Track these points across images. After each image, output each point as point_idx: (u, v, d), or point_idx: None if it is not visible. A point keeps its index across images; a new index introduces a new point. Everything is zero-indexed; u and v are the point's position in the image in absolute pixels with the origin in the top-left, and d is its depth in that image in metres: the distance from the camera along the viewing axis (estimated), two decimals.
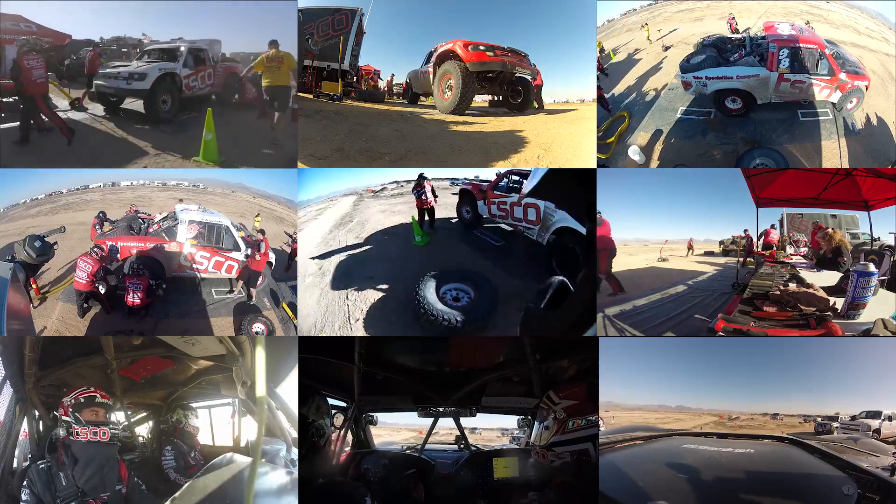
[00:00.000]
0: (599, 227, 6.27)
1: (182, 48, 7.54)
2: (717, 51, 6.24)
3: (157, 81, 7.13)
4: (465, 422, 4.29)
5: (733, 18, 6.98)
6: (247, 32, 7.42)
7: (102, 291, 5.68)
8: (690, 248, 9.88)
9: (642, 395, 5.74)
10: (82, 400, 3.06)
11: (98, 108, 7.37)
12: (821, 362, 4.98)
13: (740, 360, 5.40)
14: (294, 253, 7.11)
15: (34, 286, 5.93)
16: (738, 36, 6.42)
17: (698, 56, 6.26)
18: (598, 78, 6.40)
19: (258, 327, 5.77)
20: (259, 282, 6.59)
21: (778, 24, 6.20)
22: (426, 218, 8.46)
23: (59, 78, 7.45)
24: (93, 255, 5.68)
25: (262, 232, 7.47)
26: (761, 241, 7.99)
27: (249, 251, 6.55)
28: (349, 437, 3.89)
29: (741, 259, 7.97)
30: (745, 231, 8.14)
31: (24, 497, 2.85)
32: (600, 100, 6.34)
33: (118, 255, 6.29)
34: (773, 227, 8.12)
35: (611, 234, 6.39)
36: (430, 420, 4.33)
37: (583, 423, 2.25)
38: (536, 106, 9.11)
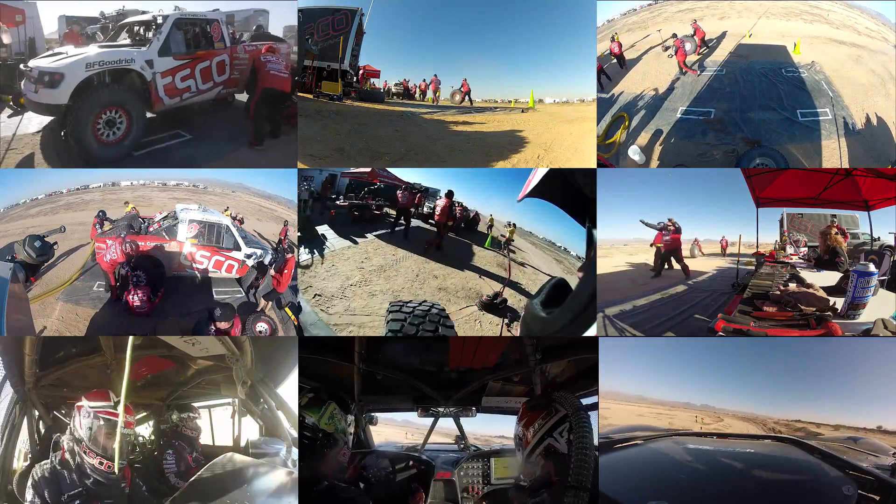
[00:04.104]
0: (674, 234, 7.68)
1: (160, 20, 4.64)
2: None
3: (84, 89, 4.12)
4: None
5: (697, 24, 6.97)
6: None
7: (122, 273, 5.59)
8: (724, 247, 9.66)
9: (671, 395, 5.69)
10: (102, 422, 2.89)
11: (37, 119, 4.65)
12: (820, 362, 4.98)
13: (741, 360, 5.39)
14: (294, 262, 7.02)
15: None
16: None
17: None
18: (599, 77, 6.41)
19: (262, 326, 5.75)
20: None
21: None
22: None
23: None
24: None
25: (290, 249, 6.63)
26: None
27: (274, 268, 6.07)
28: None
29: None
30: None
31: (28, 497, 2.83)
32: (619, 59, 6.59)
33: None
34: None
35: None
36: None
37: (535, 430, 2.27)
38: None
